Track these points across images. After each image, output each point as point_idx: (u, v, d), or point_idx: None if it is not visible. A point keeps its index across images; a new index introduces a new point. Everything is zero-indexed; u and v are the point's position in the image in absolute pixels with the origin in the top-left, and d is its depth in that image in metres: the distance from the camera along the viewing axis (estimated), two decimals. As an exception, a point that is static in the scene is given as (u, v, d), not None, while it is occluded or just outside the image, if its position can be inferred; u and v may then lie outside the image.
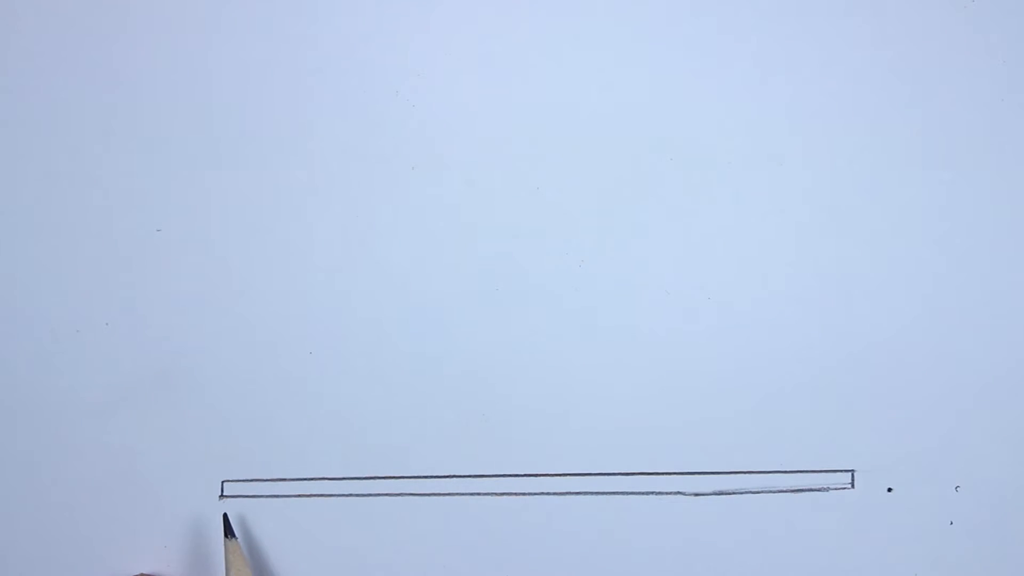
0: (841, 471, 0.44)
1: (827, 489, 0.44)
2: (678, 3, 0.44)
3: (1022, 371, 0.44)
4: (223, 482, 0.44)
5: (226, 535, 0.43)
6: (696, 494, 0.44)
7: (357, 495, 0.44)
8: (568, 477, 0.44)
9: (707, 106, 0.44)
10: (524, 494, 0.44)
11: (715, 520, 0.44)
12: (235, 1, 0.44)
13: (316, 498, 0.44)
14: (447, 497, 0.44)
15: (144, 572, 0.44)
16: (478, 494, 0.44)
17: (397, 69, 0.44)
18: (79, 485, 0.44)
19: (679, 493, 0.44)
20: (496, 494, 0.44)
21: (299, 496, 0.44)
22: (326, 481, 0.44)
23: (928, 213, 0.44)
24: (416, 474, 0.44)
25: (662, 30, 0.44)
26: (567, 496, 0.44)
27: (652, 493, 0.44)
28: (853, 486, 0.44)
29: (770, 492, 0.44)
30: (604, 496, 0.44)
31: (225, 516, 0.43)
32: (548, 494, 0.44)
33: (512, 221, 0.44)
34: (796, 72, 0.44)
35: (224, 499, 0.44)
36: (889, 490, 0.44)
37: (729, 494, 0.44)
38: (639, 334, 0.44)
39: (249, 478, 0.44)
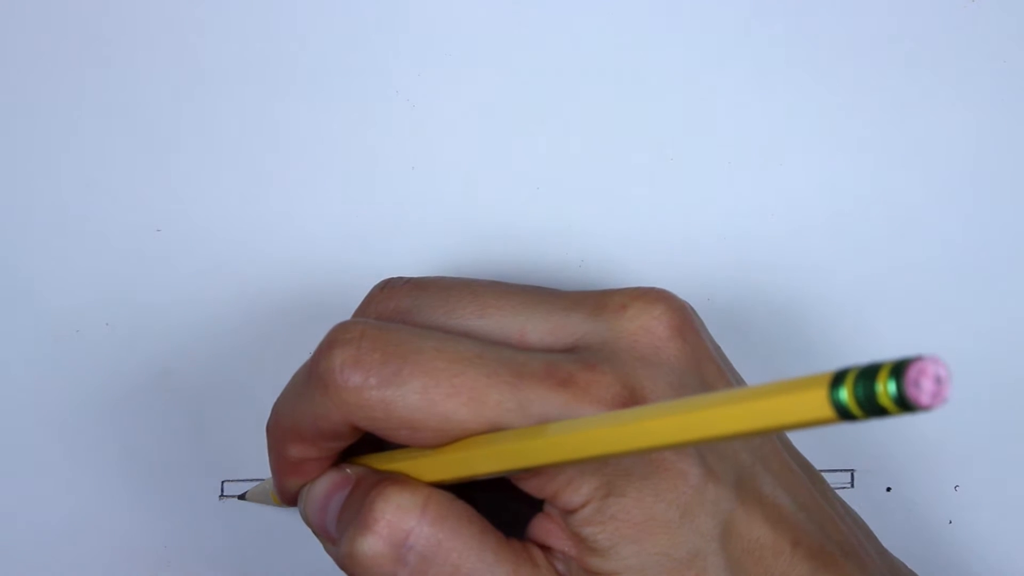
0: (841, 471, 0.44)
1: (827, 489, 0.44)
2: (679, 2, 0.44)
3: (1022, 371, 0.44)
4: (223, 482, 0.44)
5: None
6: (696, 494, 0.44)
7: (357, 495, 0.44)
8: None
9: (708, 105, 0.44)
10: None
11: (715, 520, 0.44)
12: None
13: (316, 498, 0.44)
14: (447, 497, 0.44)
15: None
16: (478, 494, 0.44)
17: (397, 69, 0.44)
18: (79, 485, 0.44)
19: (679, 493, 0.44)
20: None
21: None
22: (326, 481, 0.44)
23: (927, 214, 0.44)
24: (416, 474, 0.44)
25: (663, 29, 0.44)
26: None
27: (652, 493, 0.44)
28: (853, 486, 0.44)
29: (770, 492, 0.44)
30: (604, 496, 0.44)
31: None
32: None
33: (512, 221, 0.44)
34: (795, 72, 0.44)
35: (224, 499, 0.44)
36: (888, 490, 0.44)
37: (729, 494, 0.44)
38: (639, 334, 0.44)
39: (249, 478, 0.44)
